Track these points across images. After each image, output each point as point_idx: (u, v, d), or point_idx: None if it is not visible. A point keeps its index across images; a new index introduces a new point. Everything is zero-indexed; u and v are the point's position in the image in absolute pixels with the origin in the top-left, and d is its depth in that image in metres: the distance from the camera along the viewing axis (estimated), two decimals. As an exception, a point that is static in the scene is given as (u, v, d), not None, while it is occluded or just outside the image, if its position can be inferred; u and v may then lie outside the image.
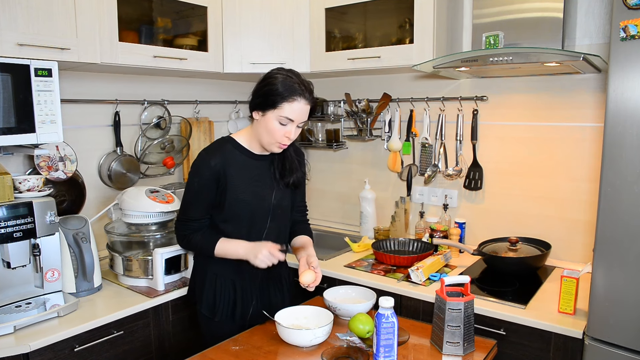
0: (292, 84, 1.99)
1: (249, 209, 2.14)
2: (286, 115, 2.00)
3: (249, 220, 2.16)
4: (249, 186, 2.13)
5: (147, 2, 2.80)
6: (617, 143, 1.79)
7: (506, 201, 3.03)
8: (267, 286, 2.29)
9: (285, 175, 2.21)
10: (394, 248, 3.10)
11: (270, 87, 2.00)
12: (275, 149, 2.11)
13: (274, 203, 2.20)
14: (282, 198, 2.23)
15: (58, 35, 2.29)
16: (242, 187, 2.11)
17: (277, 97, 1.98)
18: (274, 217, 2.22)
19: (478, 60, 2.43)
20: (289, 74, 2.03)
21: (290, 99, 1.99)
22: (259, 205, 2.16)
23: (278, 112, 2.00)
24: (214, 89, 3.62)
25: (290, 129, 2.04)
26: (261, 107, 2.04)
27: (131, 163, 3.06)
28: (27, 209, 2.21)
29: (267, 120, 2.03)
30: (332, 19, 3.13)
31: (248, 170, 2.14)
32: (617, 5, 1.73)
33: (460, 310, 1.84)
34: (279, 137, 2.05)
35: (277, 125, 2.02)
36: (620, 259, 1.83)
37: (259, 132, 2.08)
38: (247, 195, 2.12)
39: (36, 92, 2.20)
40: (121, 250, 2.65)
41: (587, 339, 1.96)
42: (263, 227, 2.21)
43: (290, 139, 2.07)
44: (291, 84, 1.99)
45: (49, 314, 2.16)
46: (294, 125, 2.04)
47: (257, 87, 2.07)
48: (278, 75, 2.02)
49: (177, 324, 2.56)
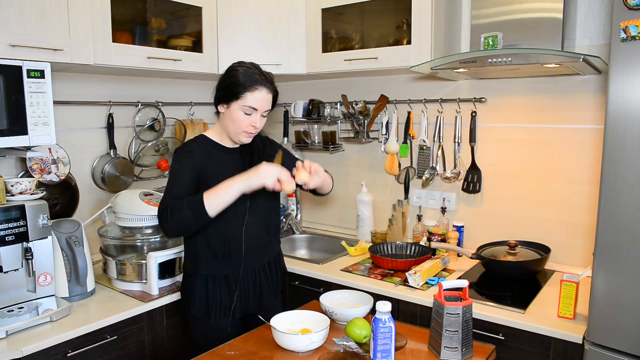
0: (252, 74, 2.10)
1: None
2: (249, 105, 2.10)
3: (229, 215, 2.13)
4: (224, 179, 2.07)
5: (141, 3, 2.79)
6: (617, 145, 1.78)
7: (505, 204, 3.01)
8: (260, 281, 2.28)
9: (255, 163, 2.13)
10: (391, 252, 3.09)
11: (232, 80, 2.10)
12: (243, 139, 2.19)
13: (250, 196, 2.12)
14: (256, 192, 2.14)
15: (51, 36, 2.28)
16: (217, 180, 2.06)
17: (240, 87, 2.08)
18: (251, 210, 2.24)
19: (476, 62, 2.42)
20: (249, 65, 2.14)
21: (252, 88, 2.08)
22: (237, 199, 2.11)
23: (241, 102, 2.10)
24: (208, 90, 3.53)
25: (255, 118, 2.14)
26: (225, 100, 2.14)
27: (125, 165, 3.05)
28: (20, 212, 2.21)
29: (232, 111, 2.13)
30: (328, 19, 3.11)
31: (222, 165, 2.20)
32: (617, 5, 1.72)
33: (458, 315, 1.82)
34: (245, 127, 2.14)
35: (242, 116, 2.12)
36: (620, 263, 1.81)
37: (226, 124, 2.18)
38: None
39: (28, 93, 2.19)
40: (115, 254, 2.63)
41: (587, 344, 1.94)
42: (243, 219, 2.22)
43: (257, 128, 2.17)
44: (252, 74, 2.10)
45: (42, 319, 2.14)
46: (258, 114, 2.14)
47: (220, 82, 2.17)
48: (239, 68, 2.13)
49: (172, 328, 2.55)
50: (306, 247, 3.62)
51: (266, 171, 1.98)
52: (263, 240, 2.32)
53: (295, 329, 2.02)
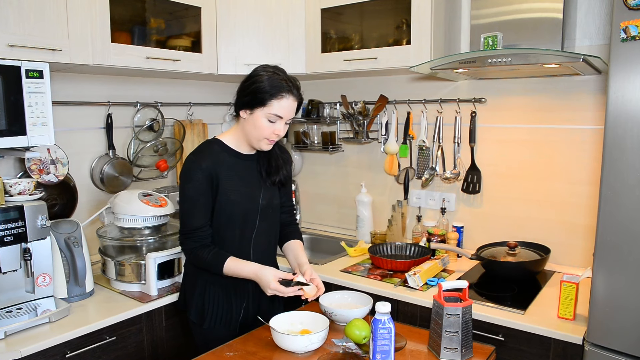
0: (279, 81, 2.01)
1: (240, 210, 2.13)
2: (275, 113, 2.01)
3: (241, 221, 2.14)
4: (239, 187, 2.12)
5: (139, 3, 2.78)
6: (617, 146, 1.78)
7: (505, 205, 3.01)
8: (259, 292, 2.25)
9: (271, 173, 2.21)
10: (391, 252, 3.08)
11: (258, 85, 2.01)
12: (264, 147, 2.11)
13: (263, 203, 2.19)
14: (270, 197, 2.23)
15: (49, 36, 2.27)
16: (232, 188, 2.10)
17: (266, 94, 1.99)
18: (264, 217, 2.21)
19: (476, 62, 2.41)
20: (275, 71, 2.05)
21: (279, 96, 2.00)
22: (249, 205, 2.15)
23: (267, 109, 2.01)
24: (207, 90, 3.61)
25: (279, 126, 2.06)
26: (249, 106, 2.04)
27: (124, 166, 3.04)
28: (18, 212, 2.20)
29: (256, 118, 2.04)
30: (328, 19, 3.11)
31: (236, 171, 2.14)
32: (617, 5, 1.72)
33: (458, 316, 1.82)
34: (267, 134, 2.06)
35: (265, 123, 2.03)
36: (620, 264, 1.81)
37: (247, 130, 2.09)
38: (238, 196, 2.11)
39: (27, 93, 2.19)
40: (113, 255, 2.62)
41: (587, 345, 1.94)
42: (253, 227, 2.19)
43: (279, 136, 2.09)
44: (278, 81, 2.01)
45: (40, 320, 2.14)
46: (282, 122, 2.06)
47: (244, 86, 2.07)
48: (264, 73, 2.03)
49: (171, 329, 2.54)
50: (305, 248, 3.57)
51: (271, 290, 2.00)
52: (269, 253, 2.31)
53: (295, 329, 2.01)
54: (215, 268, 2.07)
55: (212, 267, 2.08)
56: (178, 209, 2.94)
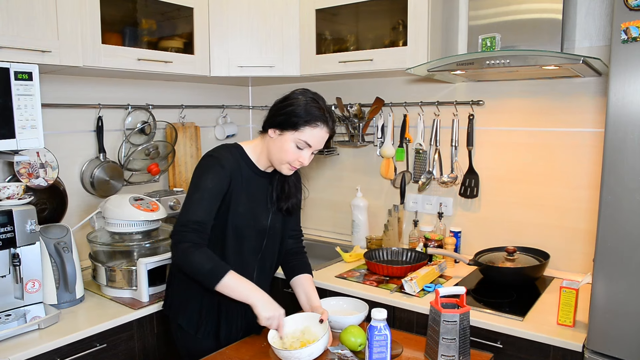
0: (316, 109, 1.96)
1: (248, 224, 2.07)
2: (305, 140, 1.96)
3: (247, 237, 2.08)
4: (248, 202, 2.06)
5: (131, 3, 2.77)
6: (618, 149, 1.76)
7: (503, 209, 2.99)
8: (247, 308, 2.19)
9: (281, 199, 2.15)
10: (387, 258, 3.06)
11: (294, 109, 1.95)
12: (285, 171, 2.05)
13: (269, 224, 2.14)
14: (275, 220, 2.17)
15: (39, 38, 2.26)
16: (242, 201, 2.03)
17: (300, 119, 1.94)
18: (269, 236, 2.16)
19: (474, 63, 2.40)
20: (314, 97, 2.00)
21: (313, 124, 1.95)
22: (255, 223, 2.09)
23: (298, 134, 1.96)
24: (200, 93, 3.61)
25: (305, 154, 2.00)
26: (280, 126, 1.98)
27: (114, 170, 3.03)
28: (7, 217, 2.18)
29: (284, 140, 1.98)
30: (322, 20, 3.09)
31: (249, 185, 2.07)
32: (618, 6, 1.71)
33: (455, 323, 1.81)
34: (291, 160, 2.00)
35: (292, 148, 1.98)
36: (621, 269, 1.80)
37: (272, 150, 2.02)
38: (245, 210, 2.05)
39: (16, 96, 2.18)
40: (104, 260, 2.59)
41: (587, 352, 1.92)
42: (259, 246, 2.14)
43: (303, 164, 2.03)
44: (316, 109, 1.96)
45: (30, 326, 2.12)
46: (309, 150, 2.00)
47: (279, 106, 2.01)
48: (302, 97, 1.98)
49: (162, 336, 2.51)
50: (301, 253, 3.58)
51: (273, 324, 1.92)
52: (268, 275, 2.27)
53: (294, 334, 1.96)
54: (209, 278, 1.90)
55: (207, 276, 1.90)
56: (170, 214, 2.96)
